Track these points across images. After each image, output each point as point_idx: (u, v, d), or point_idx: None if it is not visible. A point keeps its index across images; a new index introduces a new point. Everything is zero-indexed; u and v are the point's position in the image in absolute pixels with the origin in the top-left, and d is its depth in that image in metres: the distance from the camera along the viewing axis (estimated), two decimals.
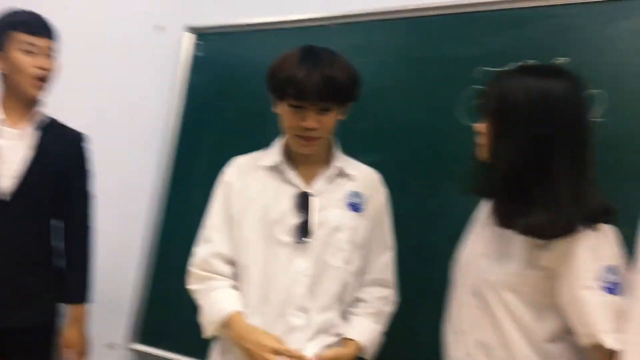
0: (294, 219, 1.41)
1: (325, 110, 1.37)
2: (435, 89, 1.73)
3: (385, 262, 1.53)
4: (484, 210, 1.39)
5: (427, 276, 1.65)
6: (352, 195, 1.46)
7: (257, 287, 1.42)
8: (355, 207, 1.45)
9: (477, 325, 1.28)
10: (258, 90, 2.04)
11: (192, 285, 1.49)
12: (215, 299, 1.44)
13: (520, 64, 1.51)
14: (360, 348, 1.44)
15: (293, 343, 1.38)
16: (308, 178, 1.46)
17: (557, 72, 1.25)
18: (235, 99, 2.17)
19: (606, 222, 1.19)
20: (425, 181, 1.71)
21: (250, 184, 1.48)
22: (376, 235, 1.51)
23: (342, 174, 1.48)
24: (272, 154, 1.49)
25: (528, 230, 1.19)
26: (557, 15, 1.58)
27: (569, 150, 1.19)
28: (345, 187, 1.47)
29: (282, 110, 1.42)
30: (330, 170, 1.47)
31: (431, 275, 1.61)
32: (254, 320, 1.40)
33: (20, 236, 1.71)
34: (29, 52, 1.67)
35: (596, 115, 1.42)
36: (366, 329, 1.47)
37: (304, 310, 1.40)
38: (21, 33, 1.67)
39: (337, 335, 1.44)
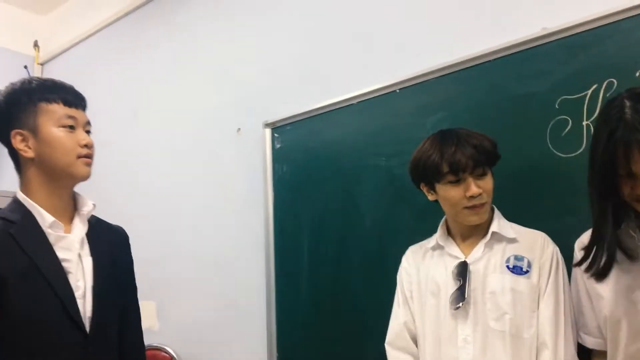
0: (454, 288, 1.47)
1: (482, 175, 1.46)
2: (521, 125, 1.71)
3: (543, 321, 1.42)
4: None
5: None
6: (513, 258, 1.47)
7: (430, 355, 1.51)
8: (517, 270, 1.45)
9: None
10: (334, 168, 2.18)
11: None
12: None
13: None
14: None
15: None
16: (468, 248, 1.53)
17: None
18: (319, 180, 2.23)
19: None
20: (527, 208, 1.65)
21: (420, 266, 1.61)
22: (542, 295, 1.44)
23: (500, 238, 1.50)
24: (436, 236, 1.60)
25: None
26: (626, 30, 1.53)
27: None
28: (505, 251, 1.48)
29: (443, 191, 1.49)
30: (487, 237, 1.50)
31: None
32: None
33: None
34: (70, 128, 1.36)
35: None
36: None
37: None
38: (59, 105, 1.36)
39: None
